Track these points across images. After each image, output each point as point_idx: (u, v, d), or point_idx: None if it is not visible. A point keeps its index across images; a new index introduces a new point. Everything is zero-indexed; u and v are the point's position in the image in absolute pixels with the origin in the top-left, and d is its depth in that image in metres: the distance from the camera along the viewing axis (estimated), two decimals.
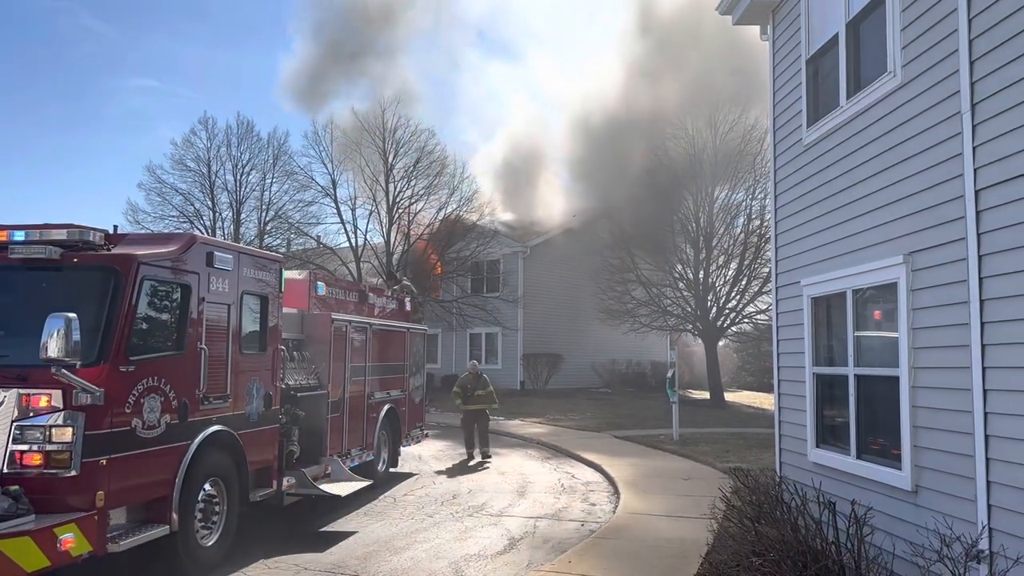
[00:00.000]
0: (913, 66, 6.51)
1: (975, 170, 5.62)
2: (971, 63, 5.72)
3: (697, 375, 36.00)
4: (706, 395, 30.62)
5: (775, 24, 9.53)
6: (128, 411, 6.92)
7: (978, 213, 5.58)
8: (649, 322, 29.62)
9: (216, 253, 8.29)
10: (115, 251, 7.52)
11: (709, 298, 28.71)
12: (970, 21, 5.74)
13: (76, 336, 6.24)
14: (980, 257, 5.54)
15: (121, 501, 6.96)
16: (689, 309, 28.89)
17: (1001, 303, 5.35)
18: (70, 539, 6.31)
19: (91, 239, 7.37)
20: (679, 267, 28.87)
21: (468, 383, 16.37)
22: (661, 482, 12.86)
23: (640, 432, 19.74)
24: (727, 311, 28.83)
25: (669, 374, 18.73)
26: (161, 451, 7.33)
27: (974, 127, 5.66)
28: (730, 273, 28.49)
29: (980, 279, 5.54)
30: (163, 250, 7.70)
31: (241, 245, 13.29)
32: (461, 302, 32.64)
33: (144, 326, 7.31)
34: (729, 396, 32.10)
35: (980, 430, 5.48)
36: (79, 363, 6.41)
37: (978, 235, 5.56)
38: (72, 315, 6.25)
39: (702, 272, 28.53)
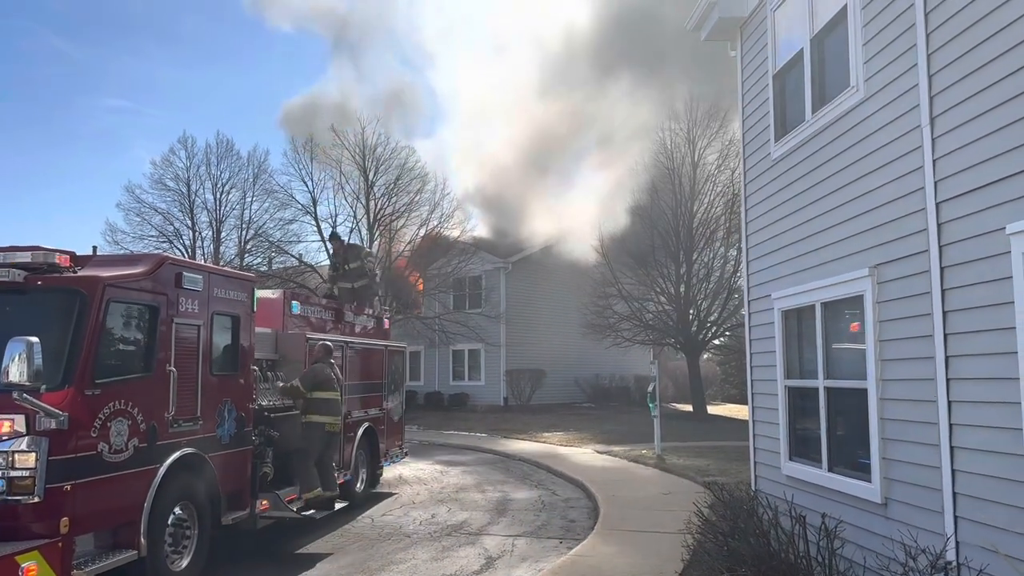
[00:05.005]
0: (875, 80, 6.58)
1: (935, 183, 5.68)
2: (930, 77, 5.79)
3: (681, 388, 36.08)
4: (690, 408, 30.66)
5: (743, 40, 9.62)
6: (94, 435, 6.82)
7: (939, 225, 5.63)
8: (631, 336, 29.69)
9: (185, 274, 8.21)
10: (81, 273, 7.43)
11: (690, 312, 28.80)
12: (928, 36, 5.81)
13: (38, 360, 6.15)
14: (942, 269, 5.58)
15: (87, 527, 6.83)
16: (671, 323, 28.97)
17: (963, 314, 5.39)
18: (33, 567, 6.17)
19: (56, 262, 7.29)
20: (660, 281, 28.96)
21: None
22: (641, 497, 12.82)
23: (623, 447, 19.72)
24: (708, 324, 28.94)
25: (650, 388, 18.69)
26: (129, 475, 7.22)
27: (934, 140, 5.72)
28: (710, 286, 28.64)
29: (943, 291, 5.58)
30: (130, 272, 7.62)
31: (212, 265, 13.21)
32: (443, 319, 32.58)
33: (111, 348, 7.23)
34: (713, 409, 32.17)
35: (946, 441, 5.50)
36: (43, 387, 6.32)
37: (940, 247, 5.61)
38: (34, 339, 6.16)
39: (683, 286, 28.63)
